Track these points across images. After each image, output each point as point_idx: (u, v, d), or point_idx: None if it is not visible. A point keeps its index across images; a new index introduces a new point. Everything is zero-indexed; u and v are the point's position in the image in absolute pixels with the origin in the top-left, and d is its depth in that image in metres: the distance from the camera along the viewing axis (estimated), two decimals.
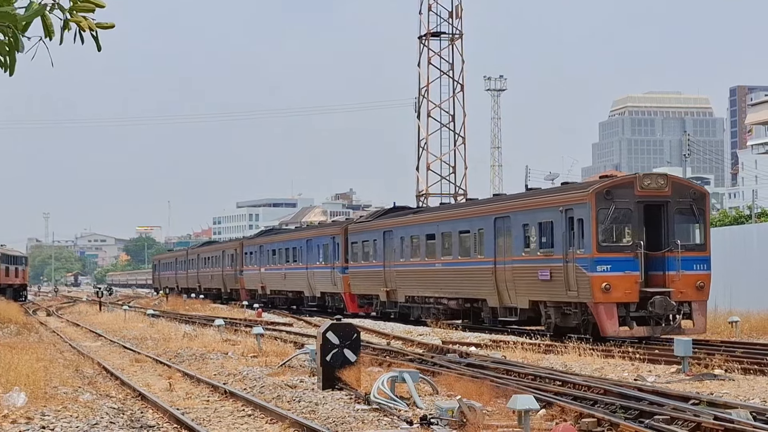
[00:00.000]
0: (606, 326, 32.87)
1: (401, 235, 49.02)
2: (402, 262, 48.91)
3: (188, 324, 50.46)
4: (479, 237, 40.99)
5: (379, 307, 52.77)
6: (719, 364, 25.28)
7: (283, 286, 68.28)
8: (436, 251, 45.21)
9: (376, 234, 52.42)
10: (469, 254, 42.07)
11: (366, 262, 53.47)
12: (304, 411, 19.13)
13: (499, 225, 39.41)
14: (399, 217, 51.43)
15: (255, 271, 75.63)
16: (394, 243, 49.73)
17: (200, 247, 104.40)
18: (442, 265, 44.59)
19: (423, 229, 47.02)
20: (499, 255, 39.12)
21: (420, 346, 34.65)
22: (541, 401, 17.98)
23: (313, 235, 63.50)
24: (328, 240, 59.45)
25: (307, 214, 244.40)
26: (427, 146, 79.32)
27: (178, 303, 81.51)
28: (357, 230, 55.70)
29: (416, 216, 49.51)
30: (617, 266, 33.38)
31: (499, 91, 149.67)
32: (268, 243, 73.42)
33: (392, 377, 19.96)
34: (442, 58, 78.96)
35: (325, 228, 64.78)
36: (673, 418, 16.63)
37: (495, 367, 25.02)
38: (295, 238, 67.63)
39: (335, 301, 59.25)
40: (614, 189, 33.93)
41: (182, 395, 22.75)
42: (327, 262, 59.33)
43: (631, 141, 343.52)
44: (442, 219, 45.24)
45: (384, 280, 50.76)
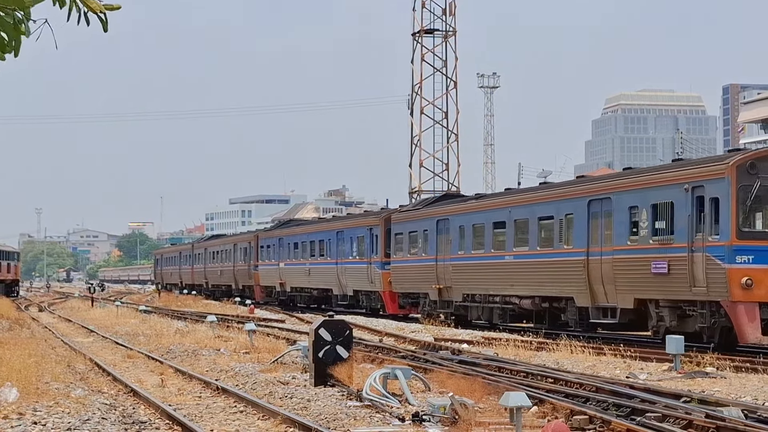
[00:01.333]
0: (746, 332, 27.52)
1: (460, 224, 42.80)
2: (460, 255, 42.68)
3: (180, 320, 50.45)
4: (566, 223, 35.08)
5: (427, 308, 46.21)
6: (711, 362, 25.31)
7: (308, 282, 62.98)
8: (506, 241, 39.06)
9: (426, 223, 46.21)
10: (551, 244, 36.18)
11: (413, 255, 47.63)
12: (296, 407, 19.12)
13: (594, 208, 33.60)
14: (457, 204, 45.02)
15: (273, 267, 70.01)
16: (450, 233, 43.62)
17: (208, 241, 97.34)
18: (514, 257, 38.52)
19: (489, 216, 40.68)
20: (594, 244, 33.36)
21: (412, 343, 34.68)
22: (533, 398, 17.98)
23: (345, 226, 57.74)
24: (363, 231, 53.93)
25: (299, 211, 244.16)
26: (420, 143, 79.37)
27: (171, 299, 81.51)
28: (402, 220, 49.56)
29: (480, 202, 42.56)
30: (762, 257, 27.86)
31: (492, 89, 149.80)
32: (290, 235, 67.39)
33: (384, 374, 19.96)
34: (435, 55, 79.03)
35: (360, 218, 58.47)
36: (664, 416, 16.65)
37: (487, 364, 25.04)
38: (324, 230, 61.61)
39: (371, 300, 54.07)
40: (760, 162, 28.25)
41: (174, 391, 22.74)
42: (362, 256, 53.86)
43: (624, 139, 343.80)
44: (516, 203, 39.02)
45: (436, 276, 44.78)
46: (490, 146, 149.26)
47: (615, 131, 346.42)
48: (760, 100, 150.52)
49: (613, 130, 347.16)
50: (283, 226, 73.72)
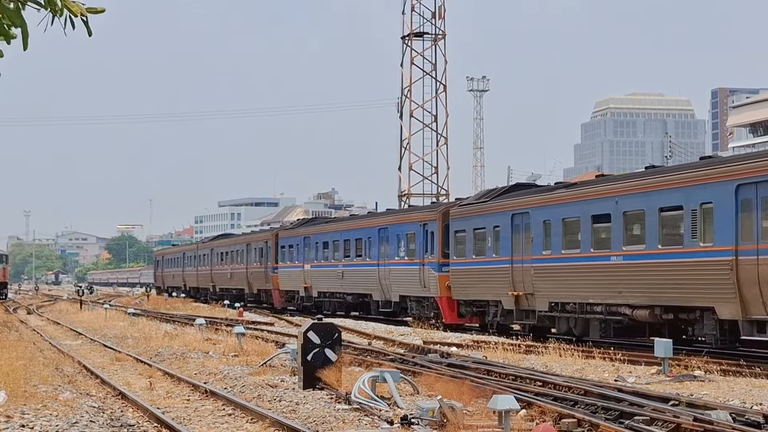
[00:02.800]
0: None
1: (544, 218, 36.09)
2: (546, 255, 36.05)
3: (169, 323, 50.40)
4: (704, 215, 28.69)
5: (498, 318, 39.73)
6: (699, 366, 25.35)
7: (340, 286, 55.90)
8: (611, 239, 32.50)
9: (498, 218, 39.27)
10: (679, 241, 29.79)
11: (479, 256, 40.77)
12: (285, 410, 19.11)
13: (746, 194, 27.16)
14: (538, 195, 37.75)
15: (296, 269, 62.40)
16: (531, 230, 36.91)
17: (215, 240, 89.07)
18: (624, 258, 31.90)
19: (586, 207, 33.78)
20: (747, 240, 26.97)
21: (401, 346, 34.70)
22: (522, 401, 18.00)
23: (390, 221, 50.51)
24: (415, 228, 46.65)
25: (289, 214, 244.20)
26: (409, 146, 79.41)
27: (159, 302, 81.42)
28: (464, 215, 42.31)
29: (572, 191, 35.38)
30: None
31: (481, 92, 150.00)
32: (318, 233, 59.96)
33: (373, 377, 19.97)
34: (425, 59, 79.08)
35: (410, 213, 50.84)
36: (652, 419, 16.67)
37: (476, 367, 25.04)
38: (362, 227, 53.98)
39: (423, 308, 46.27)
40: None
41: (163, 394, 22.71)
42: (413, 256, 46.67)
43: (613, 142, 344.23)
44: (626, 191, 32.07)
45: (511, 280, 38.01)
46: (479, 149, 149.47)
47: (604, 135, 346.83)
48: (748, 104, 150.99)
49: (602, 134, 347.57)
50: (308, 224, 65.51)
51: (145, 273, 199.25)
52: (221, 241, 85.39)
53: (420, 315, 45.98)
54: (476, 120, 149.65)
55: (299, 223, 69.86)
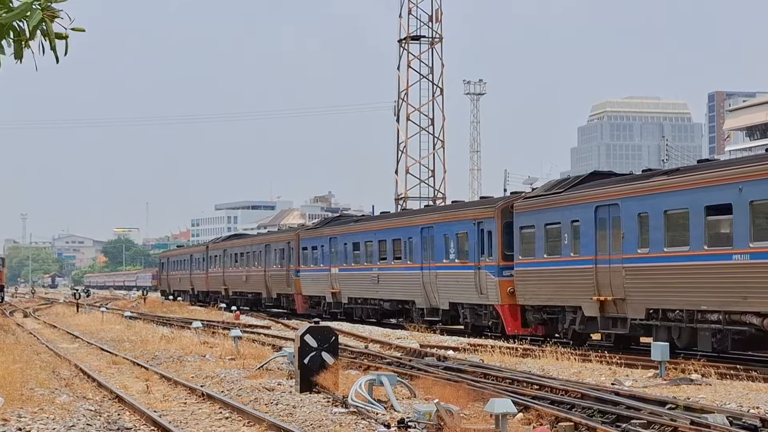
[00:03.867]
0: None
1: (639, 211, 30.84)
2: (642, 254, 30.79)
3: (166, 326, 50.35)
4: None
5: (576, 326, 34.36)
6: (696, 369, 25.37)
7: (375, 292, 50.40)
8: (733, 234, 27.38)
9: (576, 212, 34.03)
10: None
11: (552, 257, 35.60)
12: (282, 414, 19.12)
13: None
14: (631, 183, 32.18)
15: (321, 272, 57.14)
16: (622, 224, 31.64)
17: (227, 241, 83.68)
18: (752, 257, 26.77)
19: (698, 198, 28.66)
20: None
21: (398, 349, 34.68)
22: (519, 405, 18.00)
23: (436, 220, 44.16)
24: (467, 227, 40.80)
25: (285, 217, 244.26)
26: (406, 149, 79.39)
27: (156, 305, 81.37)
28: (531, 209, 36.81)
29: (676, 178, 30.23)
30: None
31: (478, 95, 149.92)
32: (348, 234, 54.47)
33: (370, 380, 19.96)
34: (421, 62, 79.08)
35: (461, 210, 43.12)
36: (649, 423, 16.69)
37: (473, 371, 25.05)
38: (402, 225, 47.67)
39: (478, 316, 40.67)
40: None
41: (159, 397, 22.71)
42: (466, 259, 40.88)
43: (610, 146, 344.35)
44: (754, 176, 26.79)
45: (595, 283, 32.80)
46: (476, 153, 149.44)
47: (601, 138, 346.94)
48: (745, 107, 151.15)
49: (599, 137, 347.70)
50: (333, 223, 59.70)
51: (141, 276, 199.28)
52: (235, 241, 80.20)
53: (475, 325, 41.02)
54: (473, 123, 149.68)
55: (323, 222, 63.28)
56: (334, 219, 63.51)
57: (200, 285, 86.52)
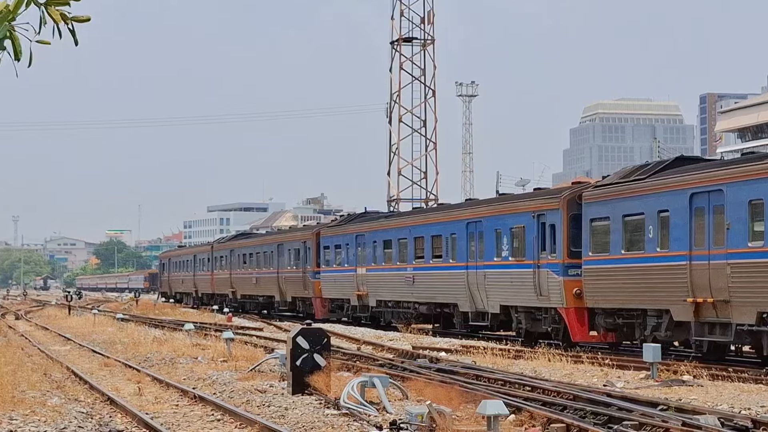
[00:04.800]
0: None
1: (752, 198, 26.82)
2: (755, 248, 26.72)
3: (158, 328, 50.31)
4: None
5: (662, 332, 30.10)
6: (688, 370, 25.40)
7: (410, 294, 45.75)
8: None
9: (664, 200, 29.88)
10: None
11: (634, 252, 31.30)
12: (274, 416, 19.11)
13: None
14: (739, 166, 27.93)
15: (346, 273, 52.57)
16: (726, 213, 27.56)
17: (235, 240, 79.36)
18: None
19: None
20: None
21: (390, 351, 34.68)
22: (511, 406, 18.01)
23: (486, 213, 39.67)
24: (524, 220, 36.59)
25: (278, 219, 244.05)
26: (398, 151, 79.47)
27: (148, 307, 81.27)
28: (605, 198, 32.72)
29: None
30: None
31: (470, 97, 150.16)
32: (376, 231, 49.91)
33: (362, 382, 19.97)
34: (414, 64, 79.17)
35: (517, 201, 38.49)
36: (641, 424, 16.70)
37: (465, 373, 25.06)
38: (443, 221, 43.05)
39: (538, 322, 36.20)
40: None
41: (151, 399, 22.69)
42: (522, 256, 36.70)
43: (602, 147, 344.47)
44: None
45: (690, 283, 28.55)
46: (468, 155, 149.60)
47: (593, 140, 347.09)
48: (736, 109, 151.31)
49: (591, 139, 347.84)
50: (359, 220, 54.77)
51: (134, 278, 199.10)
52: (243, 241, 75.34)
53: (530, 331, 36.60)
54: (465, 125, 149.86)
55: (347, 219, 58.14)
56: (359, 216, 57.65)
57: (205, 287, 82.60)
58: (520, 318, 36.95)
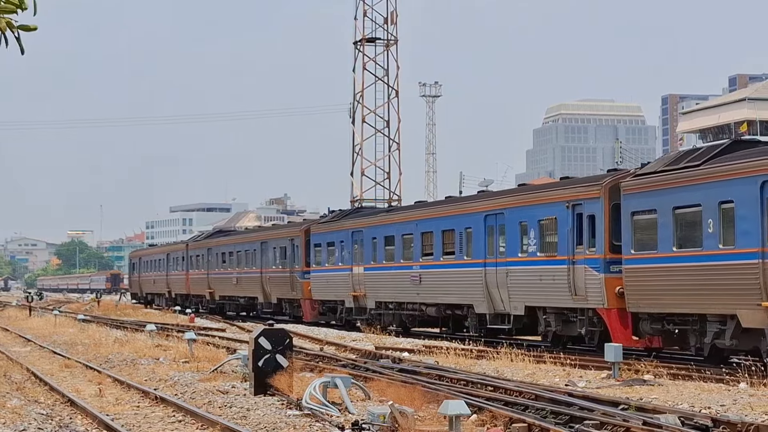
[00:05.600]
0: None
1: None
2: None
3: (119, 329, 50.09)
4: None
5: (726, 340, 26.44)
6: (649, 370, 25.51)
7: (416, 295, 41.93)
8: None
9: (732, 188, 26.16)
10: None
11: (689, 249, 27.62)
12: (236, 416, 19.06)
13: None
14: None
15: (339, 272, 48.82)
16: None
17: (212, 238, 74.50)
18: None
19: None
20: None
21: (353, 351, 34.66)
22: (473, 406, 18.03)
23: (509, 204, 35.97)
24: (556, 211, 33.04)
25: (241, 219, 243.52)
26: (361, 152, 79.38)
27: (110, 308, 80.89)
28: (653, 186, 28.81)
29: None
30: None
31: (434, 98, 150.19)
32: (375, 226, 46.05)
33: (324, 383, 19.95)
34: (377, 64, 79.11)
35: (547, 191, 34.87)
36: (602, 423, 16.76)
37: (427, 373, 25.06)
38: (456, 214, 39.35)
39: (571, 324, 32.89)
40: None
41: (112, 401, 22.57)
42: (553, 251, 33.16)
43: (565, 148, 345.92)
44: None
45: (762, 282, 25.01)
46: (431, 155, 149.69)
47: (556, 140, 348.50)
48: (698, 110, 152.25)
49: (554, 140, 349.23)
50: (357, 215, 50.61)
51: (95, 279, 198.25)
52: (222, 239, 71.48)
53: (559, 334, 33.55)
54: (428, 125, 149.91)
55: (341, 214, 53.27)
56: (353, 211, 54.29)
57: (179, 288, 78.92)
58: (548, 320, 33.47)
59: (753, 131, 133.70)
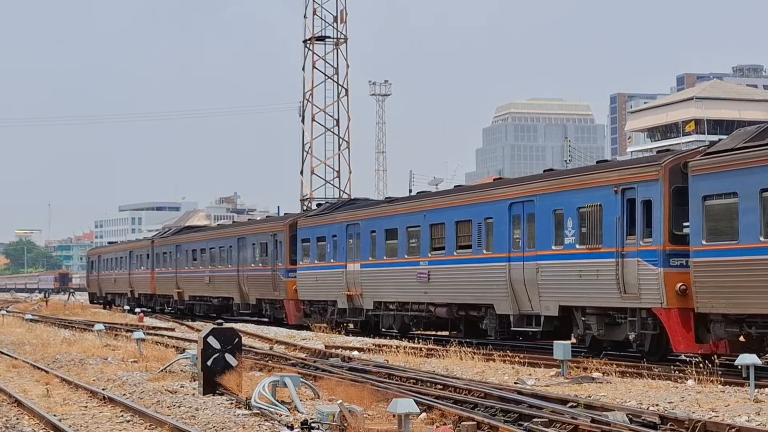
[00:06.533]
0: None
1: None
2: None
3: (68, 329, 49.73)
4: None
5: None
6: (597, 367, 25.65)
7: (423, 293, 37.53)
8: None
9: None
10: None
11: None
12: (184, 416, 18.98)
13: None
14: None
15: (331, 270, 44.36)
16: None
17: (180, 234, 70.43)
18: None
19: None
20: None
21: (303, 350, 34.62)
22: (422, 405, 18.06)
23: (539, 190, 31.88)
24: (602, 196, 28.85)
25: (190, 218, 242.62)
26: (311, 150, 79.37)
27: (58, 308, 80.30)
28: (730, 165, 24.93)
29: None
30: None
31: (384, 96, 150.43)
32: (372, 218, 41.63)
33: (274, 382, 19.91)
34: (326, 63, 79.10)
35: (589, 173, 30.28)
36: (551, 421, 16.84)
37: (377, 371, 25.09)
38: (474, 202, 35.15)
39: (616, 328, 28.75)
40: None
41: (60, 401, 22.39)
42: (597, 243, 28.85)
43: (514, 147, 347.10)
44: None
45: None
46: (381, 153, 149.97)
47: (505, 139, 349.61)
48: (646, 109, 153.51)
49: (503, 138, 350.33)
50: (352, 207, 45.66)
51: (44, 279, 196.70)
52: (193, 235, 67.13)
53: (599, 339, 29.32)
54: (378, 124, 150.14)
55: (331, 206, 49.19)
56: (347, 202, 49.34)
57: (143, 287, 74.48)
58: (588, 323, 29.18)
59: (700, 130, 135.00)
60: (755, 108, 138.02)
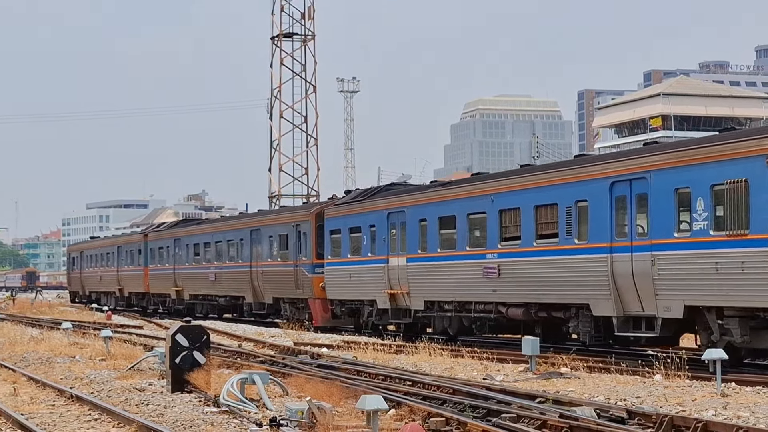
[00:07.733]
0: None
1: None
2: None
3: (35, 327, 49.48)
4: None
5: None
6: (566, 363, 25.73)
7: (492, 291, 31.95)
8: None
9: None
10: None
11: None
12: (153, 414, 18.92)
13: None
14: None
15: (370, 265, 38.90)
16: None
17: (178, 228, 63.90)
18: None
19: None
20: None
21: (271, 347, 34.59)
22: (391, 401, 18.08)
23: (653, 164, 25.69)
24: (733, 170, 23.40)
25: (158, 216, 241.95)
26: (279, 147, 79.33)
27: (26, 306, 79.87)
28: None
29: None
30: None
31: (352, 93, 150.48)
32: (422, 204, 35.98)
33: (242, 379, 19.89)
34: (294, 59, 79.07)
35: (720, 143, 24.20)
36: (519, 416, 16.88)
37: (346, 368, 25.09)
38: (558, 182, 29.38)
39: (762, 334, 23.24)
40: None
41: (27, 400, 22.28)
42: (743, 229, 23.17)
43: (483, 143, 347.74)
44: None
45: None
46: (350, 150, 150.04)
47: (473, 136, 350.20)
48: (613, 105, 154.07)
49: (471, 135, 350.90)
50: (383, 194, 40.22)
51: (10, 277, 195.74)
52: (195, 227, 60.81)
53: (752, 346, 23.90)
54: (347, 121, 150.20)
55: (363, 193, 42.75)
56: (384, 188, 42.41)
57: (134, 286, 68.71)
58: (727, 326, 23.79)
59: (667, 126, 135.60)
60: (721, 104, 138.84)
